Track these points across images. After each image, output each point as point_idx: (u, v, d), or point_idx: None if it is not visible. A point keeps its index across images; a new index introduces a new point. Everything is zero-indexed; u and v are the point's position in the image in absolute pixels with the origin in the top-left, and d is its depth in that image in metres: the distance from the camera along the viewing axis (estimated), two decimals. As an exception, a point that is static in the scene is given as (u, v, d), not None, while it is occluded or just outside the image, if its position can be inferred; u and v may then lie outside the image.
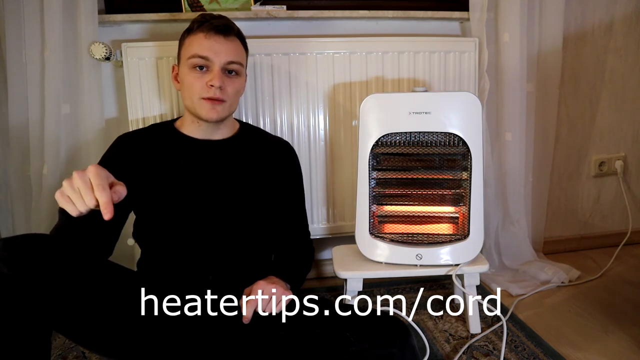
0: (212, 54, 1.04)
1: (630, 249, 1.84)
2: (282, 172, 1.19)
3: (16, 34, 1.31)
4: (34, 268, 0.79)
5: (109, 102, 1.48)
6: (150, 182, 1.07)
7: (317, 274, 1.69)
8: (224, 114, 1.08)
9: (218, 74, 1.03)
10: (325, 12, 1.50)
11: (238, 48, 1.09)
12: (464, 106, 1.25)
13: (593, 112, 1.81)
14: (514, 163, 1.61)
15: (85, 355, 1.20)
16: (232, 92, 1.07)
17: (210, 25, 1.04)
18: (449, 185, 1.31)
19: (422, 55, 1.49)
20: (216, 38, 1.04)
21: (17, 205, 1.41)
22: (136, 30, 1.47)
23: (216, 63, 1.04)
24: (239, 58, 1.08)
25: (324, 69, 1.45)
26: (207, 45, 1.03)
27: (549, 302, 1.46)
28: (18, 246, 0.80)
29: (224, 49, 1.04)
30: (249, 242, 1.13)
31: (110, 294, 0.92)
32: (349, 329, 0.91)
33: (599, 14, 1.73)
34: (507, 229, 1.66)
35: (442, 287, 1.58)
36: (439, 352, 1.20)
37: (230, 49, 1.06)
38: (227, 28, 1.05)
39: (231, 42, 1.06)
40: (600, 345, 1.22)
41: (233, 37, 1.07)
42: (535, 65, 1.62)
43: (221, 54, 1.04)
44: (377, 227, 1.33)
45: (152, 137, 1.12)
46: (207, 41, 1.04)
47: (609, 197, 1.90)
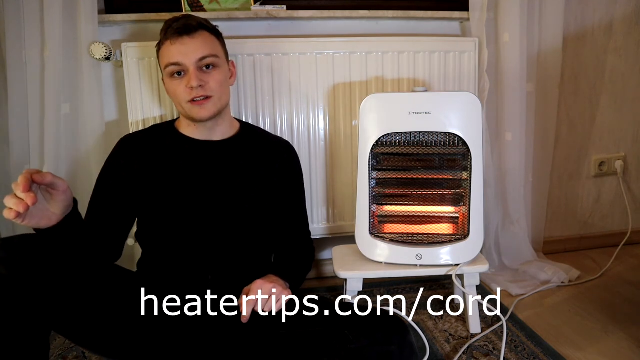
0: (182, 57, 1.03)
1: (630, 249, 1.84)
2: (282, 172, 1.19)
3: (16, 34, 1.31)
4: (31, 269, 0.79)
5: (109, 102, 1.48)
6: (152, 183, 1.07)
7: (317, 274, 1.69)
8: (215, 109, 1.07)
9: (193, 74, 1.03)
10: (325, 12, 1.50)
11: (206, 41, 1.06)
12: (464, 106, 1.25)
13: (593, 112, 1.81)
14: (514, 163, 1.61)
15: (85, 355, 1.20)
16: (215, 85, 1.06)
17: (172, 30, 1.03)
18: (449, 185, 1.31)
19: (422, 55, 1.49)
20: (181, 40, 1.03)
21: (17, 205, 1.41)
22: (136, 30, 1.47)
23: (189, 64, 1.03)
24: (210, 51, 1.06)
25: (324, 69, 1.45)
26: (175, 51, 1.03)
27: (549, 302, 1.46)
28: (16, 246, 0.80)
29: (191, 49, 1.03)
30: (249, 242, 1.13)
31: (109, 294, 0.93)
32: (348, 326, 0.91)
33: (599, 14, 1.73)
34: (507, 229, 1.66)
35: (442, 287, 1.58)
36: (439, 352, 1.20)
37: (198, 46, 1.04)
38: (187, 27, 1.03)
39: (197, 39, 1.05)
40: (600, 345, 1.22)
41: (198, 33, 1.05)
42: (535, 65, 1.62)
43: (189, 54, 1.03)
44: (377, 227, 1.33)
45: (153, 138, 1.12)
46: (174, 46, 1.03)
47: (609, 197, 1.90)
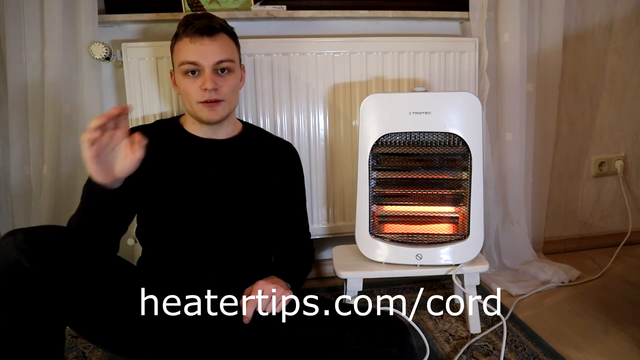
0: (200, 58, 1.03)
1: (630, 249, 1.84)
2: (283, 173, 1.19)
3: (16, 34, 1.31)
4: (54, 262, 0.80)
5: (109, 102, 1.47)
6: (155, 179, 1.06)
7: (317, 274, 1.69)
8: (224, 113, 1.08)
9: (209, 77, 1.03)
10: (325, 12, 1.50)
11: (226, 45, 1.06)
12: (464, 106, 1.25)
13: (593, 112, 1.81)
14: (514, 163, 1.61)
15: (85, 355, 1.20)
16: (227, 90, 1.06)
17: (194, 28, 1.02)
18: (449, 185, 1.31)
19: (422, 55, 1.49)
20: (201, 41, 1.02)
21: (17, 205, 1.41)
22: (136, 30, 1.47)
23: (205, 66, 1.03)
24: (228, 55, 1.06)
25: (324, 69, 1.45)
26: (194, 50, 1.03)
27: (549, 302, 1.46)
28: (39, 238, 0.80)
29: (211, 51, 1.03)
30: (250, 242, 1.13)
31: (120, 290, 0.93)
32: (348, 328, 0.91)
33: (599, 14, 1.73)
34: (507, 229, 1.66)
35: (442, 287, 1.58)
36: (439, 352, 1.20)
37: (217, 49, 1.04)
38: (210, 28, 1.03)
39: (217, 41, 1.04)
40: (600, 345, 1.22)
41: (218, 36, 1.05)
42: (535, 65, 1.62)
43: (208, 56, 1.03)
44: (377, 227, 1.33)
45: (158, 133, 1.11)
46: (193, 45, 1.03)
47: (609, 197, 1.90)
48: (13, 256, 0.77)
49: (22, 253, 0.77)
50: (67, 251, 0.83)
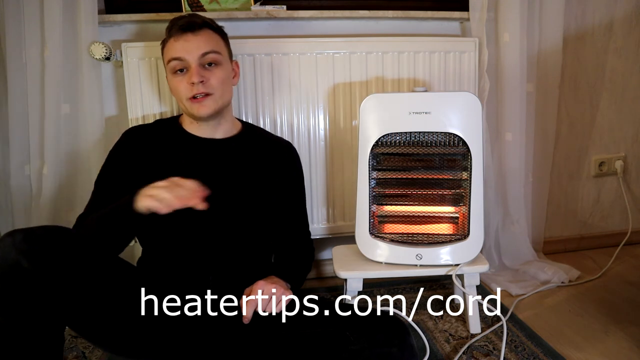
0: (184, 53, 1.05)
1: (630, 249, 1.84)
2: (283, 172, 1.19)
3: (16, 34, 1.31)
4: (53, 263, 0.80)
5: (109, 102, 1.47)
6: (154, 178, 1.06)
7: (317, 274, 1.69)
8: (216, 107, 1.08)
9: (195, 70, 1.04)
10: (325, 12, 1.50)
11: (210, 38, 1.08)
12: (464, 106, 1.25)
13: (593, 112, 1.81)
14: (514, 163, 1.61)
15: (85, 355, 1.20)
16: (216, 82, 1.07)
17: (177, 27, 1.05)
18: (449, 185, 1.31)
19: (422, 55, 1.49)
20: (185, 37, 1.05)
21: (17, 205, 1.41)
22: (136, 30, 1.47)
23: (191, 60, 1.05)
24: (213, 47, 1.07)
25: (324, 69, 1.45)
26: (178, 47, 1.05)
27: (549, 302, 1.46)
28: (38, 239, 0.80)
29: (195, 45, 1.05)
30: (250, 242, 1.13)
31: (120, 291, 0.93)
32: (348, 328, 0.91)
33: (599, 14, 1.73)
34: (507, 229, 1.66)
35: (442, 287, 1.58)
36: (439, 352, 1.20)
37: (201, 42, 1.06)
38: (191, 24, 1.05)
39: (200, 36, 1.06)
40: (600, 345, 1.22)
41: (202, 31, 1.07)
42: (535, 65, 1.62)
43: (192, 50, 1.05)
44: (377, 227, 1.33)
45: (158, 133, 1.13)
46: (177, 42, 1.05)
47: (609, 197, 1.90)
48: (12, 257, 0.77)
49: (21, 253, 0.77)
50: (67, 251, 0.83)
